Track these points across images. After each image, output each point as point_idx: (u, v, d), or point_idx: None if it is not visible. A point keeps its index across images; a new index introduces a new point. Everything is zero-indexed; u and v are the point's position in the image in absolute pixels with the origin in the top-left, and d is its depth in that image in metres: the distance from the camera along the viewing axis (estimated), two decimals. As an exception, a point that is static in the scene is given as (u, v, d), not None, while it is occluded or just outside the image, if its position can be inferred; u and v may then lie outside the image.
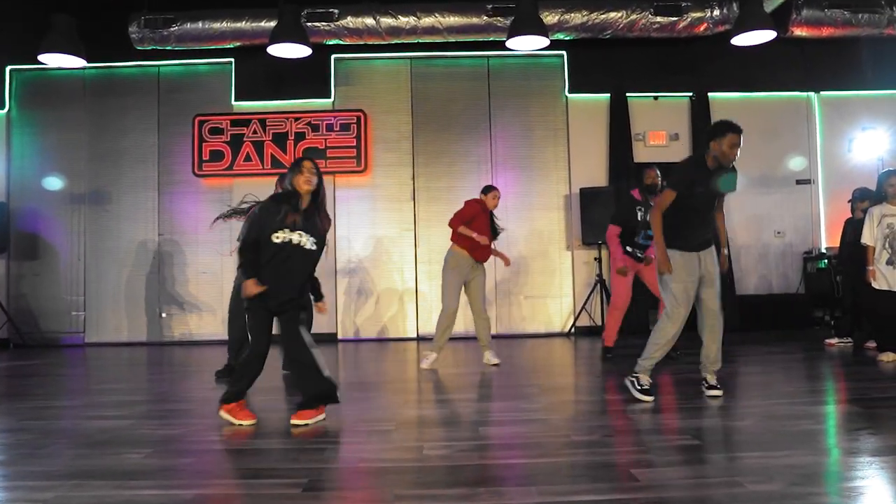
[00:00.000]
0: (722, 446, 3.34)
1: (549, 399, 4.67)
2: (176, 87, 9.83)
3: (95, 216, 9.72)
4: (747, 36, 7.93)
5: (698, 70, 9.76)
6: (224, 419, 3.92)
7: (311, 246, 3.90)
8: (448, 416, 4.16)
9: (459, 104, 9.81)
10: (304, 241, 3.87)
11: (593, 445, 3.34)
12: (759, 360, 6.57)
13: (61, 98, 9.79)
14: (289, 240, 3.83)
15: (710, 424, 3.78)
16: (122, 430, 3.85)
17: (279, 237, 3.82)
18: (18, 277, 9.65)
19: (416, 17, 8.95)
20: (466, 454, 3.21)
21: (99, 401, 4.99)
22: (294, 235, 3.84)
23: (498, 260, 6.86)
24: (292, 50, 7.86)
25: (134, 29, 8.99)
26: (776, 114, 9.89)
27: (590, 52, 9.68)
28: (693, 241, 4.46)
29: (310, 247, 3.90)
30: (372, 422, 4.04)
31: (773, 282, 9.78)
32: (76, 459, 3.20)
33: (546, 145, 9.79)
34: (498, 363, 6.48)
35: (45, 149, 9.76)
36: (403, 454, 3.25)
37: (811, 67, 9.85)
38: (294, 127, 9.56)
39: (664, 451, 3.18)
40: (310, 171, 3.87)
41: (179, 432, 3.78)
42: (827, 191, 9.82)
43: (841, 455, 3.07)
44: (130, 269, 9.65)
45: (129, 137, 9.77)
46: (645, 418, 3.92)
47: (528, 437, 3.55)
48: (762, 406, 4.19)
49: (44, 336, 9.56)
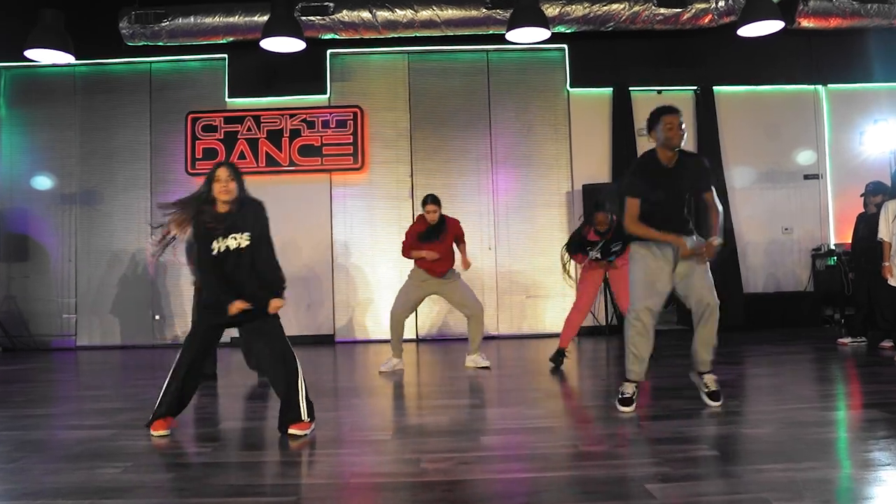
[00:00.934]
0: (742, 457, 3.10)
1: (554, 405, 4.44)
2: (168, 83, 9.60)
3: (87, 216, 9.50)
4: (754, 27, 7.71)
5: (703, 63, 9.54)
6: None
7: (246, 242, 3.71)
8: (448, 424, 3.92)
9: (458, 99, 9.58)
10: (241, 240, 3.70)
11: (603, 457, 3.11)
12: (769, 360, 6.34)
13: (52, 96, 9.57)
14: (226, 247, 3.69)
15: (727, 432, 3.55)
16: (101, 440, 3.62)
17: (214, 249, 3.68)
18: (8, 279, 9.43)
19: (413, 11, 8.72)
20: (467, 467, 2.98)
21: (81, 408, 4.77)
22: (229, 241, 3.69)
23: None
24: (286, 44, 7.63)
25: (124, 24, 8.77)
26: (783, 107, 9.66)
27: (592, 45, 9.44)
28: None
29: (245, 243, 3.71)
30: (367, 430, 3.82)
31: (781, 279, 9.54)
32: (46, 475, 2.97)
33: (547, 141, 9.56)
34: (487, 366, 6.30)
35: (35, 148, 9.54)
36: (400, 467, 3.03)
37: (818, 60, 9.62)
38: (289, 124, 9.33)
39: (680, 462, 2.95)
40: (227, 178, 3.70)
41: (162, 443, 3.55)
42: (835, 185, 9.58)
43: (869, 468, 2.84)
44: (123, 270, 9.42)
45: (120, 136, 9.55)
46: (656, 426, 3.69)
47: (532, 447, 3.32)
48: (779, 412, 3.95)
49: (34, 340, 9.34)
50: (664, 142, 4.06)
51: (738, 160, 9.57)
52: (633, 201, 4.14)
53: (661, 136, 4.07)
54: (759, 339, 7.93)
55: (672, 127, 4.03)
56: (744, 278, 9.34)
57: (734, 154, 9.55)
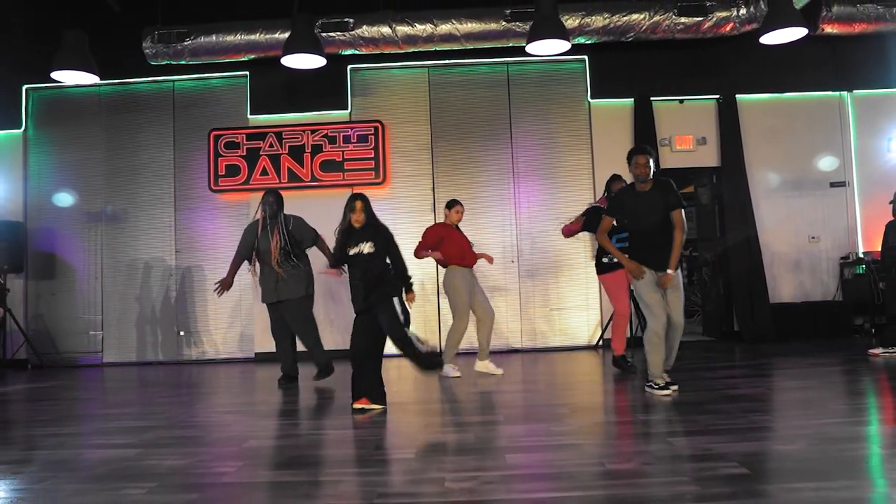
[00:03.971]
0: (774, 475, 3.03)
1: (580, 421, 4.38)
2: (191, 101, 9.69)
3: (112, 234, 9.60)
4: (777, 34, 7.60)
5: (725, 71, 9.45)
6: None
7: (368, 250, 4.95)
8: (472, 441, 3.88)
9: (479, 112, 9.57)
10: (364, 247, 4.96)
11: (631, 476, 3.06)
12: (799, 372, 6.23)
13: (77, 116, 9.69)
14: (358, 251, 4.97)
15: (757, 449, 3.48)
16: (127, 460, 3.63)
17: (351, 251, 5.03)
18: (36, 297, 9.54)
19: (432, 25, 8.73)
20: (492, 487, 2.94)
21: (107, 427, 4.79)
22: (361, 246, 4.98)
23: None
24: (307, 60, 7.67)
25: (148, 44, 8.87)
26: (807, 114, 9.53)
27: (612, 55, 9.40)
28: (646, 260, 5.21)
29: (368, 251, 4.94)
30: (390, 449, 3.79)
31: (809, 289, 9.39)
32: (73, 497, 2.98)
33: (569, 152, 9.51)
34: (500, 373, 6.77)
35: (61, 167, 9.67)
36: (424, 487, 3.00)
37: (843, 66, 9.49)
38: (311, 139, 9.37)
39: (710, 481, 2.89)
40: (360, 210, 5.09)
41: (187, 463, 3.56)
42: (863, 193, 9.42)
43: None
44: (148, 287, 9.50)
45: (145, 154, 9.65)
46: (684, 442, 3.63)
47: (559, 465, 3.27)
48: (812, 427, 3.87)
49: (61, 356, 9.43)
50: (634, 177, 5.27)
51: (762, 169, 9.45)
52: (607, 219, 5.58)
53: (633, 172, 5.27)
54: (787, 351, 7.80)
55: (639, 165, 5.21)
56: (770, 288, 9.19)
57: (758, 163, 9.44)
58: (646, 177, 5.21)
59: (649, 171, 5.21)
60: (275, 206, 6.45)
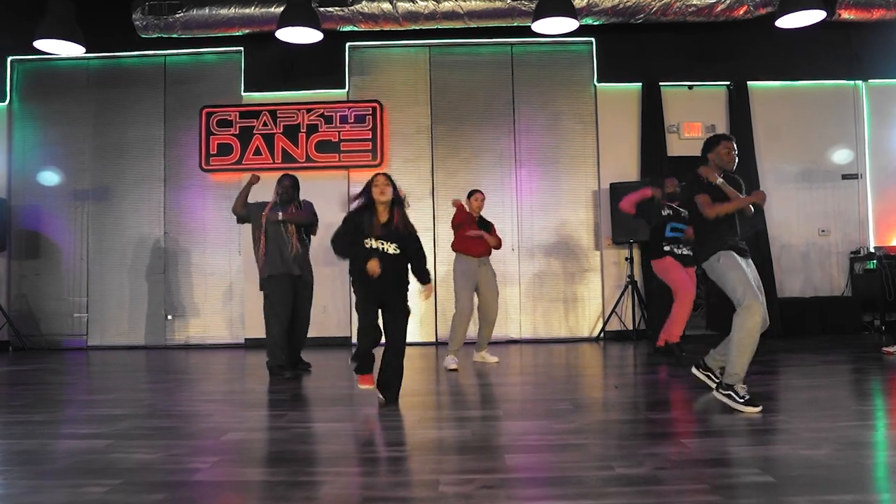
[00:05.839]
0: (801, 484, 2.74)
1: (585, 418, 4.09)
2: (183, 77, 9.37)
3: (99, 213, 9.29)
4: (793, 17, 7.34)
5: (737, 57, 9.14)
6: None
7: (393, 251, 4.45)
8: (470, 439, 3.59)
9: (481, 94, 9.25)
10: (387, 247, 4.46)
11: (643, 481, 2.77)
12: (811, 370, 5.95)
13: (64, 90, 9.37)
14: (376, 247, 4.44)
15: (780, 454, 3.19)
16: (94, 452, 3.34)
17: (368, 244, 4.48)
18: (19, 277, 9.24)
19: (435, 2, 8.41)
20: (490, 492, 2.65)
21: (80, 414, 4.50)
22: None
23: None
24: (303, 35, 7.36)
25: (138, 16, 8.55)
26: (820, 103, 9.24)
27: (620, 38, 9.08)
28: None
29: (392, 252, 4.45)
30: (382, 445, 3.50)
31: (818, 284, 9.11)
32: (25, 495, 2.68)
33: (573, 138, 9.21)
34: (496, 360, 6.70)
35: (47, 142, 9.35)
36: (416, 490, 2.70)
37: (858, 54, 9.18)
38: (306, 119, 9.06)
39: (731, 490, 2.60)
40: (383, 183, 4.44)
41: (157, 457, 3.26)
42: (876, 186, 9.15)
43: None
44: (135, 268, 9.20)
45: (134, 131, 9.33)
46: (701, 445, 3.34)
47: (563, 468, 2.99)
48: (835, 429, 3.58)
49: (45, 339, 9.14)
50: (725, 164, 4.70)
51: (772, 159, 9.16)
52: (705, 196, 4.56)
53: (725, 159, 4.70)
54: (796, 347, 7.53)
55: (732, 151, 4.72)
56: (778, 282, 8.92)
57: (769, 152, 9.14)
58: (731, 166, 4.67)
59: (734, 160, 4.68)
60: (291, 190, 6.15)
